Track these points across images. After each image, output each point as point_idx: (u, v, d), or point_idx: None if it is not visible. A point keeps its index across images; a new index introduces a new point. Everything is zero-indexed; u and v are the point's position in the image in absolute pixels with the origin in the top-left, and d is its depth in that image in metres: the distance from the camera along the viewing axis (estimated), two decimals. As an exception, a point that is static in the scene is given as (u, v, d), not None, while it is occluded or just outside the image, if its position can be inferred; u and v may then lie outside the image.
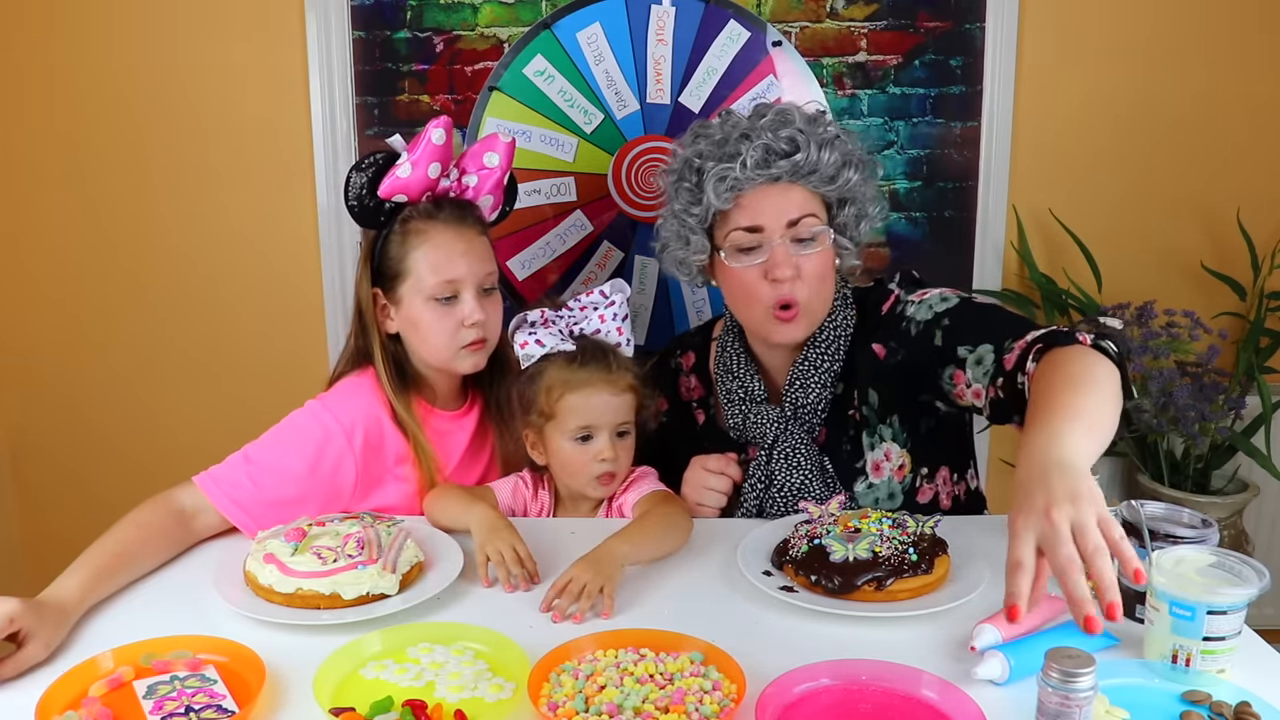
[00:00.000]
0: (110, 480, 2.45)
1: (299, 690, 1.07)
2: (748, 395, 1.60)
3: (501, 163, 1.61)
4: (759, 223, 1.47)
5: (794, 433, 1.55)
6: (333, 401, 1.53)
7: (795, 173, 1.47)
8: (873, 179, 1.54)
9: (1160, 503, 1.25)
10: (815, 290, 1.49)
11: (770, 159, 1.46)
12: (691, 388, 1.71)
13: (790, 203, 1.47)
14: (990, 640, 1.13)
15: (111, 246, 2.35)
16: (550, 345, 1.51)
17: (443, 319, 1.53)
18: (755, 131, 1.48)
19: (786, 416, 1.56)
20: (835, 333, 1.56)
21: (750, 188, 1.48)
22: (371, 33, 2.21)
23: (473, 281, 1.54)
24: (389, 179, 1.53)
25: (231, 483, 1.44)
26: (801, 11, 2.20)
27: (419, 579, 1.31)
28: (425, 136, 1.52)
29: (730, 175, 1.46)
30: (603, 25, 2.19)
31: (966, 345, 1.40)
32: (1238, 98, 2.27)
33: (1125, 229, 2.32)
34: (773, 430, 1.56)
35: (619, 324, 1.55)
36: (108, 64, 2.25)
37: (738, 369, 1.62)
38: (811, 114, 1.52)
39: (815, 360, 1.55)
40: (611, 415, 1.51)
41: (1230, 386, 2.15)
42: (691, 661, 1.09)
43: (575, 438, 1.51)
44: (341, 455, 1.49)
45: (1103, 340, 1.27)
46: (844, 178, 1.49)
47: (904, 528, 1.29)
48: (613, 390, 1.51)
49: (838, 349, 1.55)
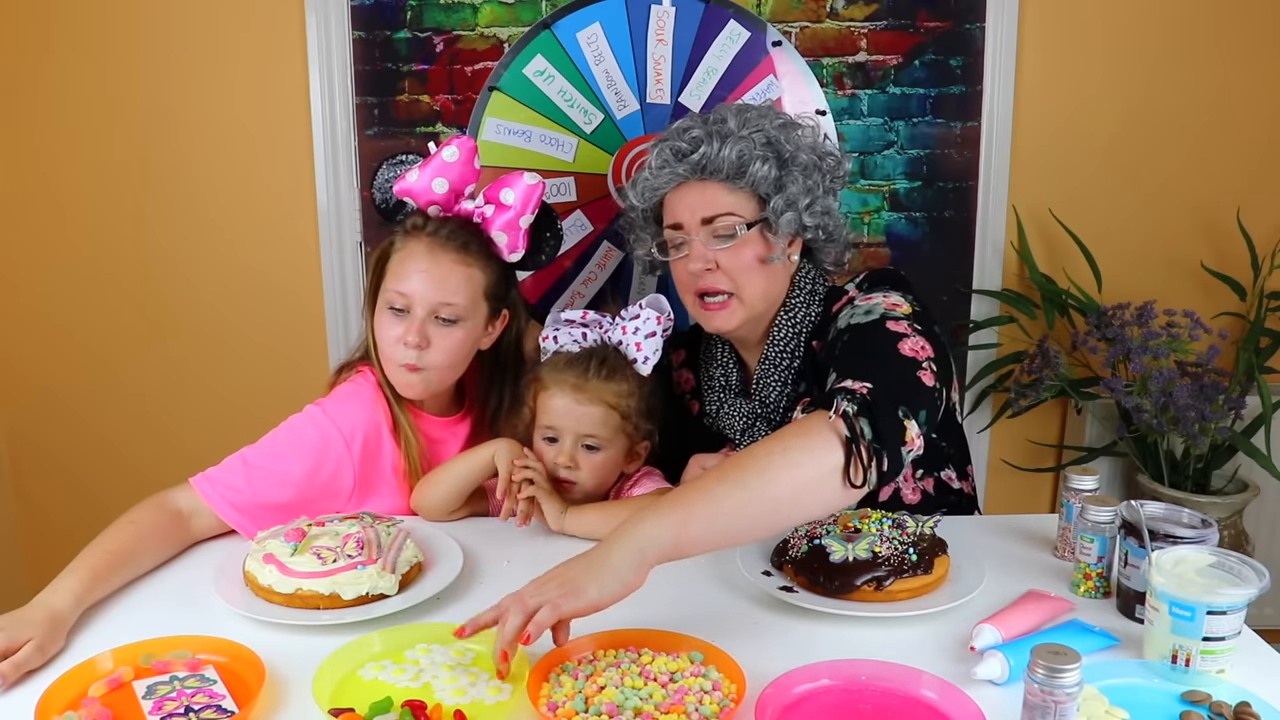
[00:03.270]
0: (110, 481, 2.45)
1: (298, 690, 1.07)
2: (726, 385, 1.64)
3: (517, 203, 1.55)
4: (679, 220, 1.56)
5: (760, 429, 1.59)
6: (332, 407, 1.52)
7: (698, 170, 1.53)
8: (811, 172, 1.54)
9: (1160, 503, 1.25)
10: (740, 282, 1.53)
11: (676, 158, 1.55)
12: (681, 381, 1.75)
13: (705, 201, 1.53)
14: (990, 640, 1.13)
15: (111, 248, 2.35)
16: (562, 343, 1.53)
17: (388, 327, 1.52)
18: (670, 134, 1.57)
19: (756, 412, 1.60)
20: (794, 329, 1.58)
21: (669, 188, 1.57)
22: (371, 33, 2.21)
23: (424, 304, 1.50)
24: (401, 179, 1.56)
25: (228, 485, 1.44)
26: (801, 11, 2.20)
27: (418, 579, 1.31)
28: (439, 150, 1.54)
29: (641, 178, 1.59)
30: (603, 25, 2.19)
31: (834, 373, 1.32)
32: (1238, 97, 2.27)
33: (1125, 229, 2.32)
34: (740, 423, 1.60)
35: (640, 339, 1.55)
36: (107, 64, 2.25)
37: (720, 356, 1.66)
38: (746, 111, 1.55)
39: (775, 358, 1.58)
40: (574, 423, 1.51)
41: (1230, 386, 2.15)
42: (691, 661, 1.09)
43: (544, 437, 1.53)
44: (340, 462, 1.49)
45: (863, 416, 1.17)
46: (753, 171, 1.51)
47: (904, 528, 1.29)
48: (579, 398, 1.50)
49: (797, 346, 1.57)
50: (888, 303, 1.42)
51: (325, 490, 1.49)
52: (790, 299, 1.58)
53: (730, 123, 1.53)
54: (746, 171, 1.51)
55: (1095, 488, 1.34)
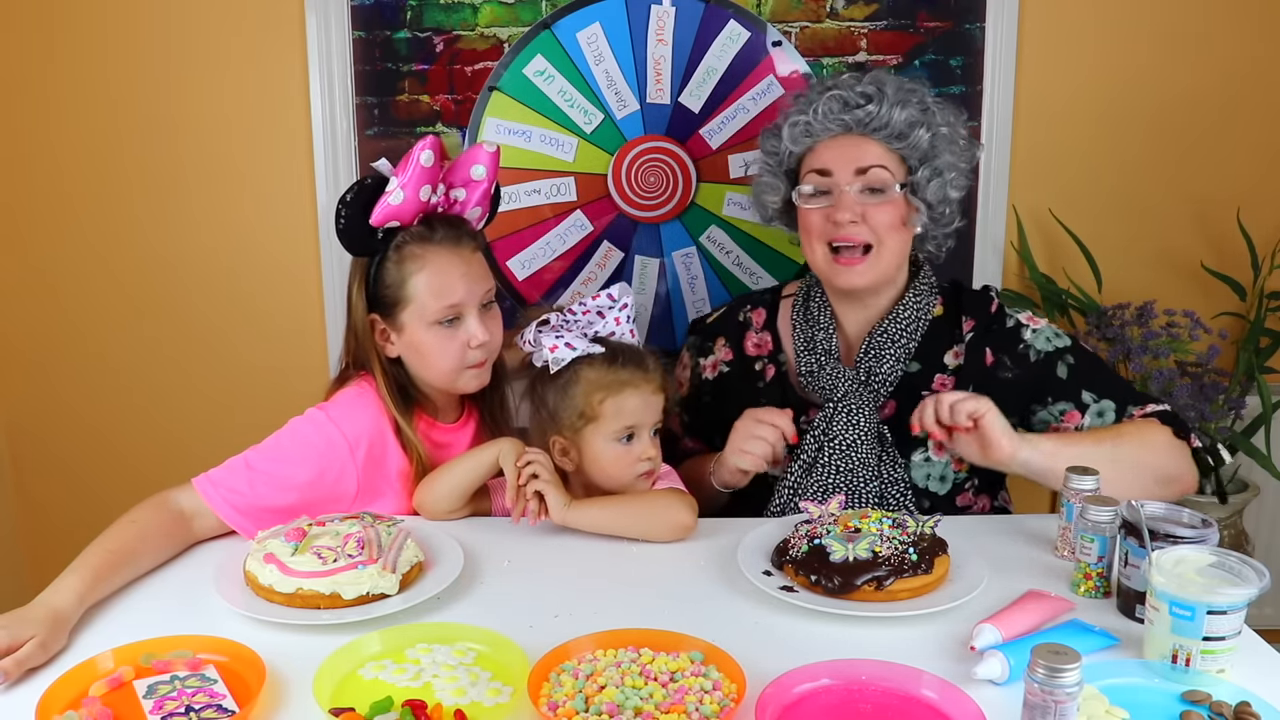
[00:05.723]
0: (111, 480, 2.45)
1: (299, 690, 1.07)
2: (825, 350, 1.64)
3: (488, 174, 1.58)
4: (829, 167, 1.58)
5: (861, 395, 1.59)
6: (337, 412, 1.50)
7: (865, 124, 1.56)
8: (956, 148, 1.60)
9: (1160, 503, 1.25)
10: (882, 237, 1.57)
11: (844, 109, 1.57)
12: (759, 343, 1.73)
13: (863, 153, 1.57)
14: (990, 640, 1.13)
15: (112, 247, 2.35)
16: (581, 349, 1.49)
17: (447, 342, 1.52)
18: (838, 85, 1.60)
19: (859, 379, 1.61)
20: (917, 312, 1.63)
21: (826, 135, 1.59)
22: (371, 33, 2.21)
23: (474, 302, 1.52)
24: (381, 207, 1.49)
25: (230, 488, 1.43)
26: (801, 11, 2.20)
27: (419, 579, 1.31)
28: (414, 159, 1.48)
29: (802, 120, 1.59)
30: (603, 25, 2.19)
31: (1093, 394, 1.57)
32: (1238, 97, 2.27)
33: (1125, 229, 2.32)
34: (842, 387, 1.60)
35: (631, 326, 1.55)
36: (107, 64, 2.25)
37: (821, 318, 1.67)
38: (902, 80, 1.60)
39: (894, 333, 1.61)
40: (651, 415, 1.52)
41: (1230, 386, 2.15)
42: (691, 661, 1.09)
43: (619, 439, 1.50)
44: (344, 467, 1.48)
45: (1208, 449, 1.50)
46: (915, 136, 1.56)
47: (904, 528, 1.29)
48: (652, 389, 1.52)
49: (916, 329, 1.62)
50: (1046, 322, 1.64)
51: (328, 495, 1.48)
52: (918, 281, 1.66)
53: (888, 87, 1.57)
54: (910, 136, 1.56)
55: (1095, 488, 1.34)
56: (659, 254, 2.29)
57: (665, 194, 2.26)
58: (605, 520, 1.44)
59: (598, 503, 1.47)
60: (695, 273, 2.30)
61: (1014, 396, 1.57)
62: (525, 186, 2.24)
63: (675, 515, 1.44)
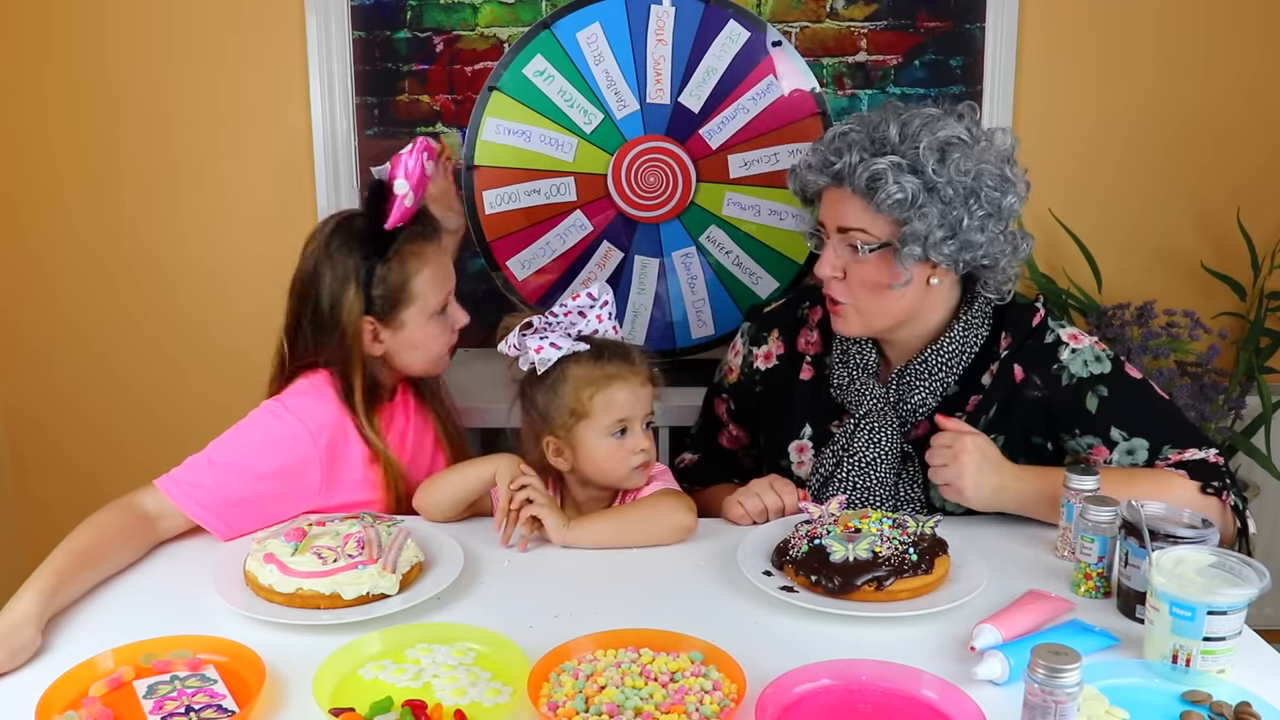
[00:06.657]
0: (112, 479, 2.42)
1: (299, 690, 1.07)
2: (861, 363, 1.60)
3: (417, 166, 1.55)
4: (822, 219, 1.54)
5: (888, 416, 1.55)
6: (295, 403, 1.50)
7: (837, 179, 1.49)
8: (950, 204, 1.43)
9: (1160, 503, 1.25)
10: (856, 296, 1.50)
11: (823, 167, 1.51)
12: (811, 341, 1.69)
13: (842, 211, 1.49)
14: (990, 640, 1.13)
15: (112, 245, 2.35)
16: (567, 347, 1.49)
17: (443, 330, 1.59)
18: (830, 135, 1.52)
19: (889, 400, 1.56)
20: (964, 346, 1.54)
21: (816, 186, 1.54)
22: (371, 33, 2.21)
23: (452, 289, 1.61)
24: (397, 210, 1.52)
25: (194, 484, 1.43)
26: (801, 11, 2.20)
27: (419, 579, 1.31)
28: (418, 164, 1.51)
29: (800, 169, 1.56)
30: (602, 25, 2.19)
31: (1123, 431, 1.48)
32: (1238, 98, 2.27)
33: (1125, 229, 2.32)
34: (869, 404, 1.56)
35: (614, 323, 1.55)
36: (107, 64, 2.25)
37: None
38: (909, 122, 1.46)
39: (933, 365, 1.54)
40: (642, 407, 1.52)
41: (1230, 386, 2.15)
42: (691, 661, 1.09)
43: (611, 433, 1.50)
44: (307, 455, 1.48)
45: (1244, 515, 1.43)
46: (880, 197, 1.43)
47: (904, 528, 1.29)
48: (640, 381, 1.52)
49: (957, 365, 1.54)
50: (1093, 341, 1.53)
51: (293, 485, 1.47)
52: (970, 314, 1.54)
53: (891, 132, 1.44)
54: (876, 194, 1.44)
55: (1095, 488, 1.34)
56: (659, 254, 2.29)
57: (665, 194, 2.26)
58: (606, 535, 1.43)
59: (595, 518, 1.46)
60: (695, 273, 2.30)
61: (1041, 416, 1.52)
62: (525, 186, 2.24)
63: (674, 518, 1.44)
